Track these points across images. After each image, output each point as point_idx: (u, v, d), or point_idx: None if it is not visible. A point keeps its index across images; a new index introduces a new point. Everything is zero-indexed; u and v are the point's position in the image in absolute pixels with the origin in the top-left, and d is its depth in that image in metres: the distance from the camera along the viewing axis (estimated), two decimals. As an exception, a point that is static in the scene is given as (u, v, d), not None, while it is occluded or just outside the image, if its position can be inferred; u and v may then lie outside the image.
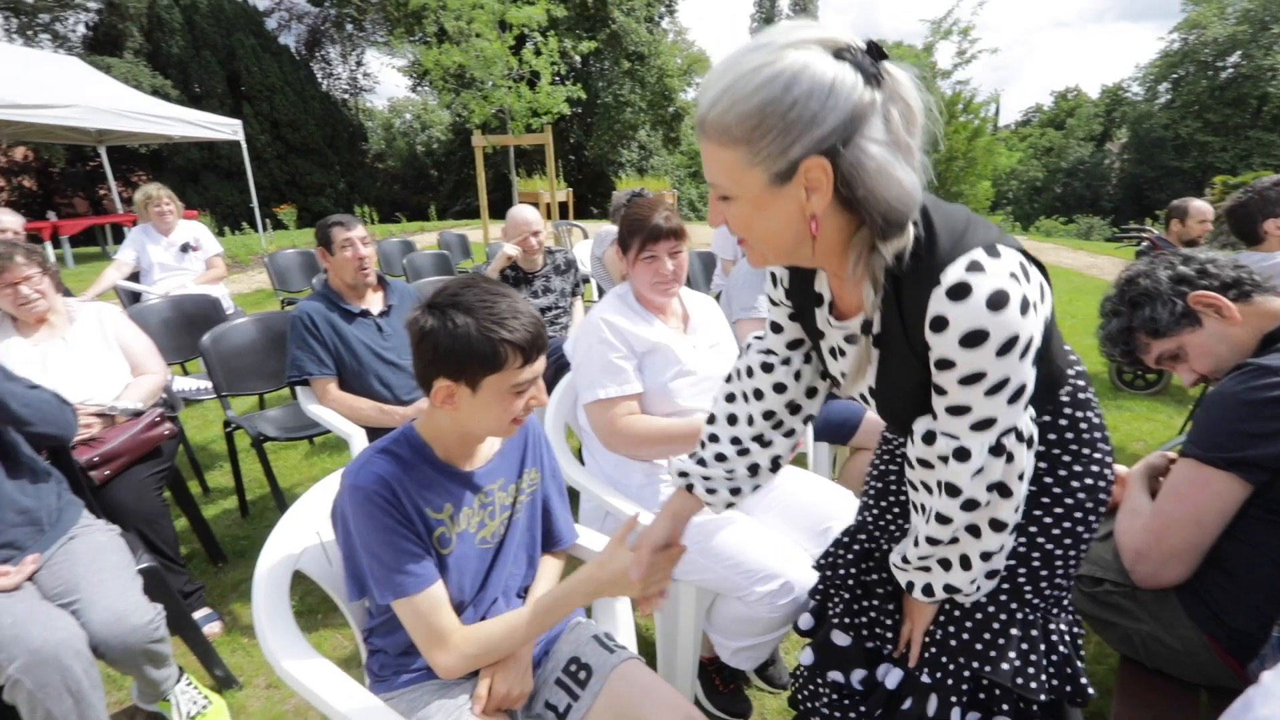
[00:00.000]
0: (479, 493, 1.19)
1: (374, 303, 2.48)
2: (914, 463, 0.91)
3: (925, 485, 0.91)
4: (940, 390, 0.82)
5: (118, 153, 14.76)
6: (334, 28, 26.79)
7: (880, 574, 1.14)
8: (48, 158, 17.58)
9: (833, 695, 1.16)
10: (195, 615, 2.00)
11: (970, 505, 0.86)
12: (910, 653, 1.10)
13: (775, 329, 1.12)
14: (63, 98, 7.80)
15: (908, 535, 1.00)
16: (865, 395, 1.00)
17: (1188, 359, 1.41)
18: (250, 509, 2.89)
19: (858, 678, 1.14)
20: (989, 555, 0.91)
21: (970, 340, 0.76)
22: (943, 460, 0.85)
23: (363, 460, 1.10)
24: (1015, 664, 0.98)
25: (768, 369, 1.13)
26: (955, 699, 1.02)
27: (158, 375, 2.37)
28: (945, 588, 0.96)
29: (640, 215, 1.71)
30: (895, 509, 1.19)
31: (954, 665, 1.02)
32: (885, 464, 1.22)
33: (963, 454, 0.83)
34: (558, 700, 1.23)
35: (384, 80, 71.97)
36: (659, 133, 25.16)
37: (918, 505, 0.95)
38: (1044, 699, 0.97)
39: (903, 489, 1.15)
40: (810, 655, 1.18)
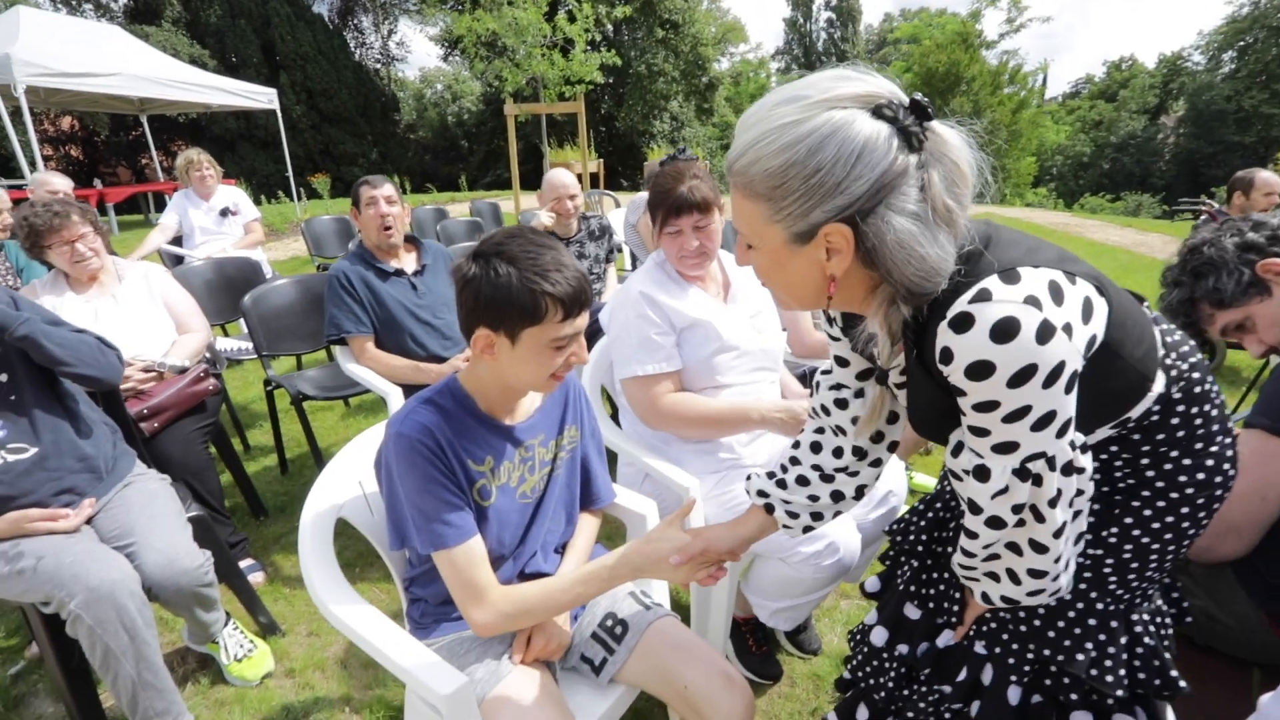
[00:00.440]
0: (520, 447, 1.19)
1: (408, 262, 2.50)
2: (949, 473, 0.88)
3: (960, 497, 0.87)
4: (962, 411, 0.78)
5: (158, 122, 15.04)
6: (366, -5, 26.72)
7: (953, 547, 1.10)
8: (92, 127, 18.00)
9: (900, 669, 1.13)
10: (239, 565, 2.07)
11: (995, 523, 0.82)
12: (958, 631, 1.08)
13: (841, 363, 1.06)
14: (108, 66, 7.95)
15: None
16: None
17: (1255, 330, 1.35)
18: (289, 466, 2.97)
19: (923, 650, 1.11)
20: (1039, 574, 0.85)
21: (975, 373, 0.72)
22: (966, 474, 0.82)
23: (408, 409, 1.11)
24: (1091, 655, 0.93)
25: (843, 405, 1.06)
26: (1016, 678, 0.98)
27: (201, 333, 2.42)
28: (1002, 598, 0.92)
29: (664, 185, 1.62)
30: None
31: (1017, 645, 0.98)
32: None
33: (983, 473, 0.79)
34: (593, 654, 1.24)
35: (415, 50, 71.93)
36: (691, 103, 24.73)
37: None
38: (1121, 694, 0.92)
39: None
40: (883, 634, 1.14)
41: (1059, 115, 28.96)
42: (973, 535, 0.87)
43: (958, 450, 0.83)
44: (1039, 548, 0.83)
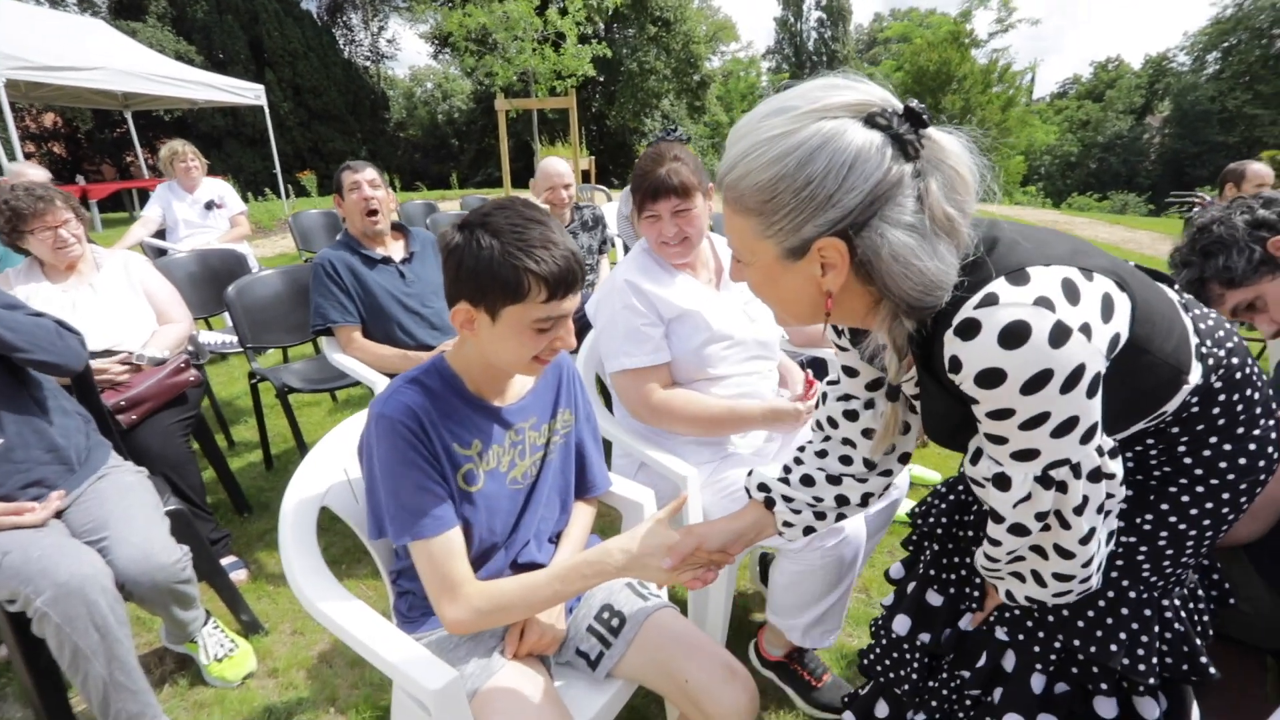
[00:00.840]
0: (509, 430, 1.14)
1: (395, 250, 2.43)
2: (969, 481, 0.84)
3: (983, 501, 0.84)
4: (977, 419, 0.75)
5: (143, 118, 14.84)
6: (355, -8, 26.53)
7: (976, 531, 1.06)
8: (76, 123, 17.75)
9: (923, 659, 1.09)
10: (221, 563, 2.00)
11: (1018, 530, 0.79)
12: (975, 616, 1.05)
13: (850, 373, 1.02)
14: (90, 60, 7.80)
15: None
16: None
17: (1267, 309, 1.34)
18: (275, 462, 2.90)
19: (946, 635, 1.07)
20: (1065, 577, 0.82)
21: (985, 380, 0.68)
22: (987, 481, 0.78)
23: (392, 389, 1.06)
24: (1124, 645, 0.89)
25: (852, 416, 1.02)
26: (1041, 666, 0.94)
27: (183, 324, 2.35)
28: (1026, 598, 0.89)
29: (643, 168, 1.54)
30: None
31: (1043, 633, 0.94)
32: None
33: (1003, 481, 0.76)
34: (589, 648, 1.19)
35: (405, 48, 71.53)
36: (683, 101, 24.72)
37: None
38: (1153, 682, 0.89)
39: None
40: (905, 622, 1.10)
41: (1047, 115, 29.18)
42: (995, 542, 0.83)
43: (977, 457, 0.80)
44: (1065, 553, 0.80)
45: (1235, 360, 0.86)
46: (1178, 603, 0.93)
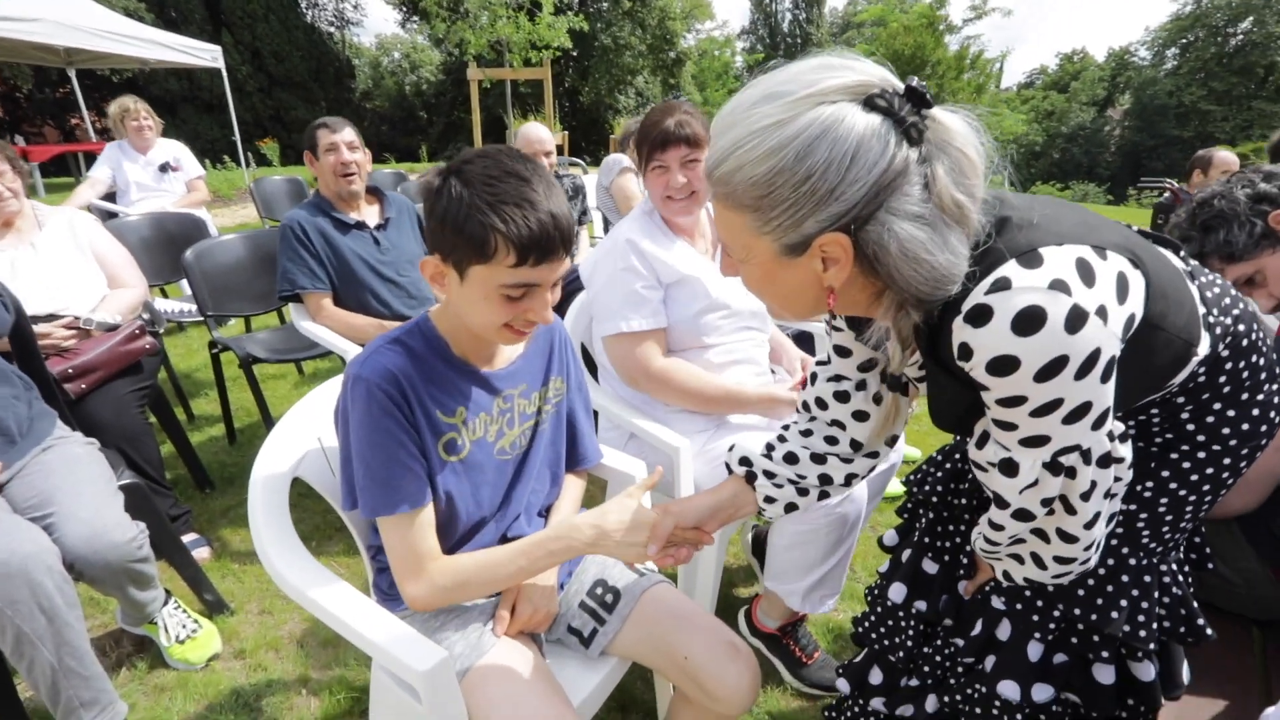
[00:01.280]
0: (497, 396, 1.07)
1: (369, 215, 2.30)
2: (972, 464, 0.82)
3: (985, 486, 0.82)
4: (986, 405, 0.72)
5: (89, 78, 14.03)
6: (318, -47, 25.40)
7: (970, 499, 1.04)
8: (13, 80, 16.68)
9: (918, 626, 1.08)
10: (182, 540, 1.89)
11: (1022, 516, 0.77)
12: (966, 587, 1.04)
13: (842, 353, 0.98)
14: (27, 10, 7.27)
15: (983, 517, 0.90)
16: None
17: (1266, 283, 1.33)
18: (238, 437, 2.76)
19: (944, 602, 1.05)
20: (1066, 560, 0.81)
21: (998, 368, 0.65)
22: (992, 466, 0.76)
23: (371, 349, 0.98)
24: (1125, 611, 0.88)
25: (843, 398, 0.98)
26: (1039, 635, 0.93)
27: (137, 289, 2.20)
28: (1025, 579, 0.88)
29: (652, 119, 1.53)
30: None
31: (1041, 602, 0.93)
32: None
33: (1010, 467, 0.73)
34: (582, 625, 1.14)
35: (371, 14, 68.80)
36: (658, 78, 24.40)
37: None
38: (1153, 647, 0.88)
39: None
40: (901, 590, 1.08)
41: (1014, 104, 29.67)
42: (998, 527, 0.81)
43: (983, 441, 0.77)
44: (1068, 538, 0.78)
45: (1242, 327, 0.84)
46: (1174, 566, 0.93)
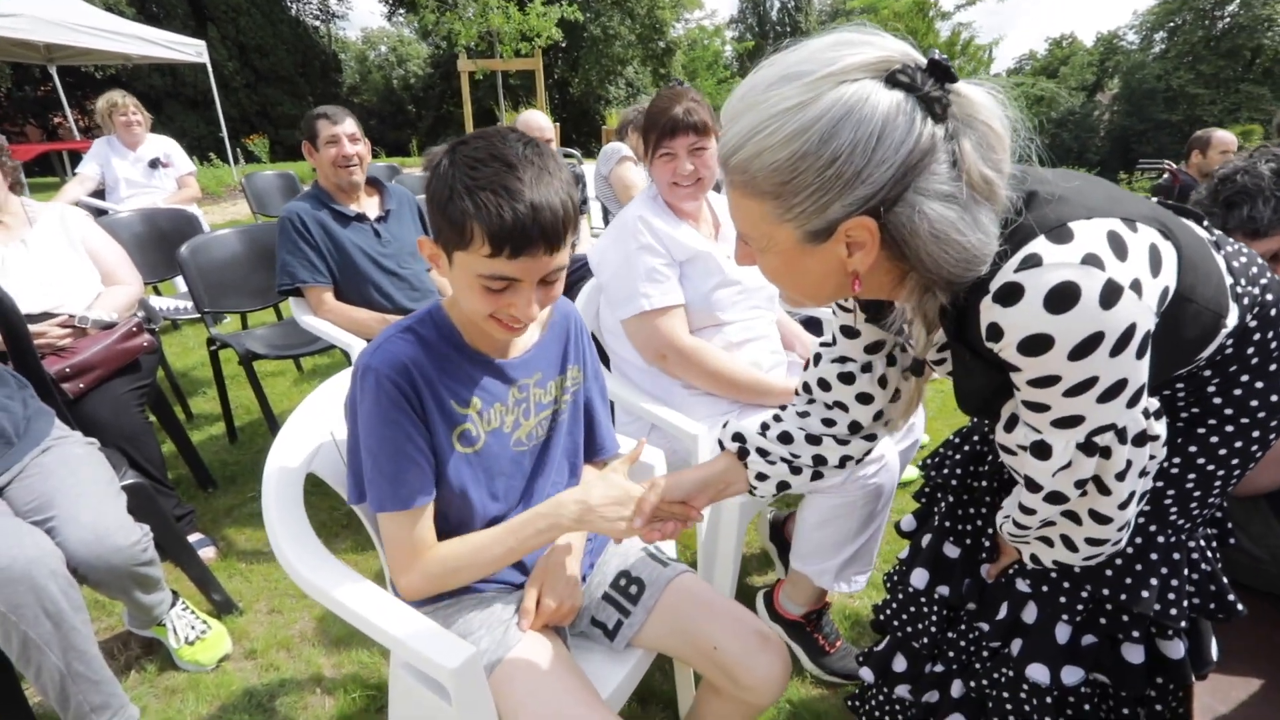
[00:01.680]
0: (512, 386, 1.04)
1: (369, 206, 2.26)
2: (999, 448, 0.80)
3: (1014, 470, 0.80)
4: (1016, 387, 0.70)
5: (71, 75, 13.81)
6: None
7: (990, 481, 1.03)
8: (-6, 80, 16.43)
9: (941, 612, 1.06)
10: (188, 539, 1.86)
11: (1055, 499, 0.76)
12: (989, 570, 1.02)
13: (849, 333, 0.96)
14: (4, 5, 7.12)
15: (1008, 500, 0.89)
16: None
17: None
18: (239, 435, 2.72)
19: (966, 586, 1.04)
20: (1098, 542, 0.79)
21: (1031, 348, 0.63)
22: (1022, 449, 0.74)
23: (382, 339, 0.95)
24: (1156, 590, 0.87)
25: (848, 379, 0.96)
26: (1068, 617, 0.91)
27: (132, 286, 2.15)
28: (1054, 563, 0.86)
29: (659, 106, 1.53)
30: None
31: (1069, 584, 0.91)
32: None
33: (1043, 449, 0.71)
34: (606, 617, 1.12)
35: (356, 7, 67.89)
36: (648, 68, 24.25)
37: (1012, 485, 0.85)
38: (1184, 625, 0.87)
39: None
40: (923, 575, 1.07)
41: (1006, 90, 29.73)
42: (1029, 511, 0.79)
43: (1011, 424, 0.74)
44: (1101, 519, 0.76)
45: (1270, 297, 0.82)
46: (1202, 542, 0.92)
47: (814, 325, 2.07)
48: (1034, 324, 0.62)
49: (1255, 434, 0.84)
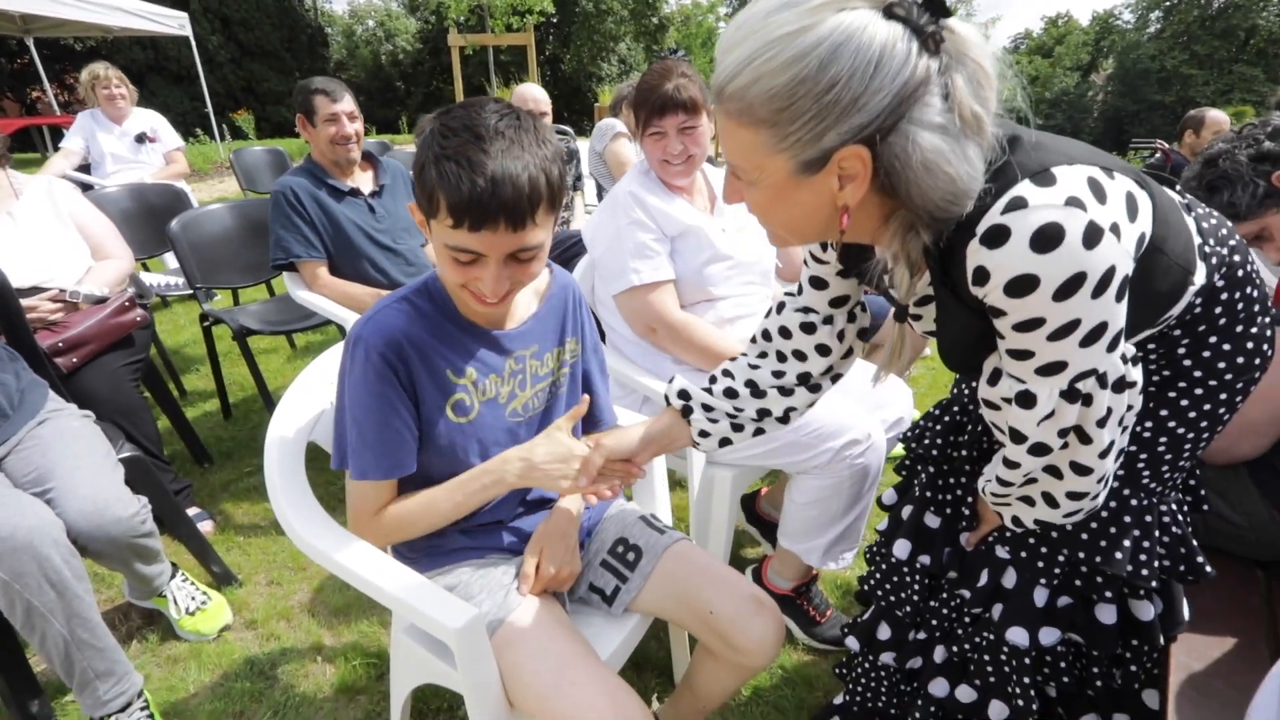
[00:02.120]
0: (509, 357, 1.05)
1: (364, 181, 2.24)
2: (980, 403, 0.81)
3: (996, 426, 0.81)
4: (1000, 334, 0.72)
5: (49, 48, 13.43)
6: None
7: (970, 451, 1.05)
8: (-31, 53, 16.00)
9: (923, 580, 1.09)
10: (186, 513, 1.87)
11: (1039, 450, 0.77)
12: (969, 538, 1.05)
13: (817, 284, 0.98)
14: (-22, -26, 6.94)
15: (990, 465, 0.91)
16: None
17: (1273, 239, 1.36)
18: (233, 411, 2.72)
19: (947, 554, 1.06)
20: (1078, 495, 0.81)
21: (1016, 289, 0.65)
22: (1006, 402, 0.76)
23: (377, 308, 0.96)
24: (1129, 551, 0.90)
25: (809, 329, 1.00)
26: (1045, 580, 0.95)
27: (122, 261, 2.13)
28: (1035, 522, 0.89)
29: (649, 82, 1.51)
30: None
31: (1046, 549, 0.94)
32: None
33: (1027, 399, 0.73)
34: (604, 583, 1.14)
35: (342, -18, 66.46)
36: (641, 45, 23.91)
37: (994, 444, 0.86)
38: (1155, 585, 0.91)
39: None
40: (905, 546, 1.09)
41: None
42: (1013, 465, 0.81)
43: (995, 378, 0.76)
44: (1081, 470, 0.78)
45: (1237, 258, 0.85)
46: (1174, 506, 0.95)
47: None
48: (1020, 265, 0.63)
49: (1223, 396, 0.87)
